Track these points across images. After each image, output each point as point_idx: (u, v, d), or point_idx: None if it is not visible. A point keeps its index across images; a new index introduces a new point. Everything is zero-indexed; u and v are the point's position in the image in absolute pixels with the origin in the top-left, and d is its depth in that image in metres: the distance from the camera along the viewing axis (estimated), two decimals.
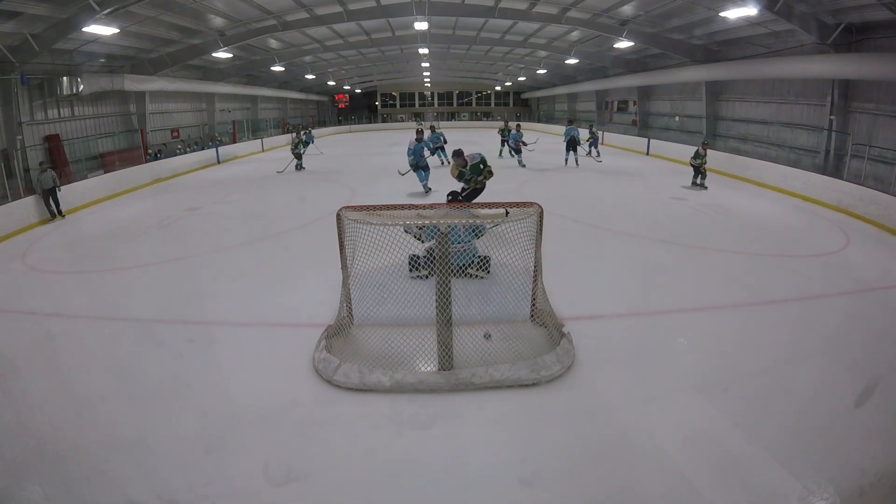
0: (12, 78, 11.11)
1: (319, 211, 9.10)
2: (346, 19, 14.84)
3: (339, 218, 3.88)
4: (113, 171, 13.19)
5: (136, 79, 15.12)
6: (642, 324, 4.64)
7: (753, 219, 8.64)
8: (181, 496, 2.61)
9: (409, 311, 4.11)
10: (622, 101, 24.00)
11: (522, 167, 14.73)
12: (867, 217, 8.55)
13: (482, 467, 2.81)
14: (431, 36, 19.00)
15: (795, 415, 3.23)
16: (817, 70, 11.17)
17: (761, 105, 14.43)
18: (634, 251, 6.80)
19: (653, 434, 3.04)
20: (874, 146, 10.10)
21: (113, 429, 3.17)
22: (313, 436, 3.09)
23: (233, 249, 7.15)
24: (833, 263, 6.34)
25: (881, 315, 4.84)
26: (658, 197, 10.51)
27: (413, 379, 3.55)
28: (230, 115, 23.30)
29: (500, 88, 38.74)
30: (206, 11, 13.00)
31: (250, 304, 5.15)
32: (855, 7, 9.70)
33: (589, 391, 3.52)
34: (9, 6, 9.27)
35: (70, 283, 6.06)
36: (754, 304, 5.03)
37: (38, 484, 2.73)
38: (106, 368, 3.96)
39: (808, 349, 4.13)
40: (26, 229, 8.77)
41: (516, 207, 3.95)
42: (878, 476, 2.65)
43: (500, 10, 14.52)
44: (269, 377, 3.76)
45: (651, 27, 14.65)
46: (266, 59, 20.33)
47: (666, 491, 2.63)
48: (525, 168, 14.48)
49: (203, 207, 10.29)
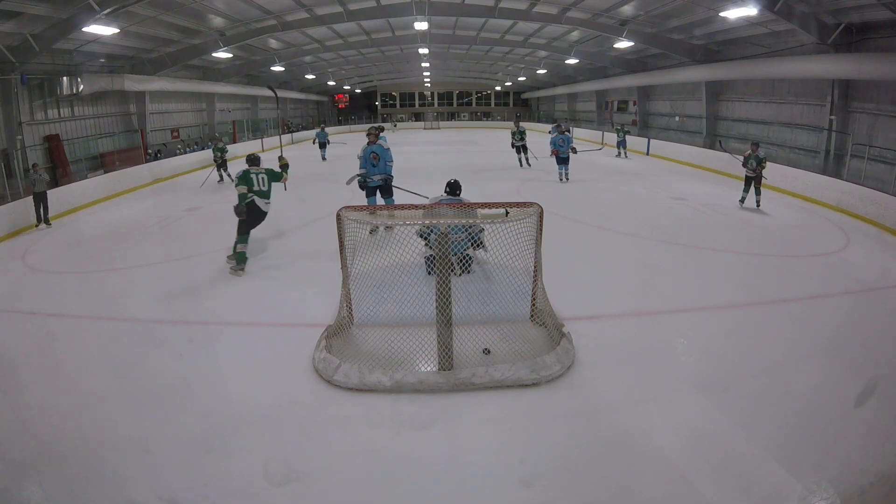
0: (12, 78, 11.12)
1: (319, 211, 9.11)
2: (346, 19, 14.84)
3: (339, 218, 3.88)
4: (113, 171, 13.20)
5: (136, 79, 15.13)
6: (642, 324, 4.63)
7: (753, 219, 8.64)
8: (181, 496, 2.61)
9: (409, 311, 4.11)
10: (622, 101, 24.01)
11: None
12: (867, 217, 8.55)
13: (482, 467, 2.81)
14: (431, 36, 19.01)
15: (795, 415, 3.23)
16: (817, 70, 11.18)
17: (761, 105, 14.43)
18: (634, 251, 6.80)
19: (653, 434, 3.04)
20: (874, 146, 10.10)
21: (113, 429, 3.17)
22: (313, 436, 3.09)
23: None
24: (833, 263, 6.34)
25: (881, 315, 4.85)
26: (658, 197, 10.51)
27: (413, 379, 3.55)
28: (230, 115, 23.31)
29: (500, 88, 38.76)
30: (206, 11, 13.01)
31: (250, 304, 5.15)
32: (855, 7, 9.70)
33: (589, 391, 3.52)
34: (9, 6, 9.27)
35: (70, 283, 6.05)
36: (754, 304, 5.03)
37: (38, 484, 2.72)
38: (106, 368, 3.96)
39: (808, 349, 4.13)
40: (26, 229, 8.77)
41: (516, 207, 3.95)
42: (878, 476, 2.65)
43: (500, 10, 14.53)
44: (269, 377, 3.75)
45: (651, 27, 14.65)
46: (266, 59, 20.33)
47: (666, 491, 2.63)
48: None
49: (203, 207, 10.29)
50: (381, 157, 7.07)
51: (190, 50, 15.57)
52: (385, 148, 7.20)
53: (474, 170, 13.53)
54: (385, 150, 7.16)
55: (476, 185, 11.79)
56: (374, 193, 7.28)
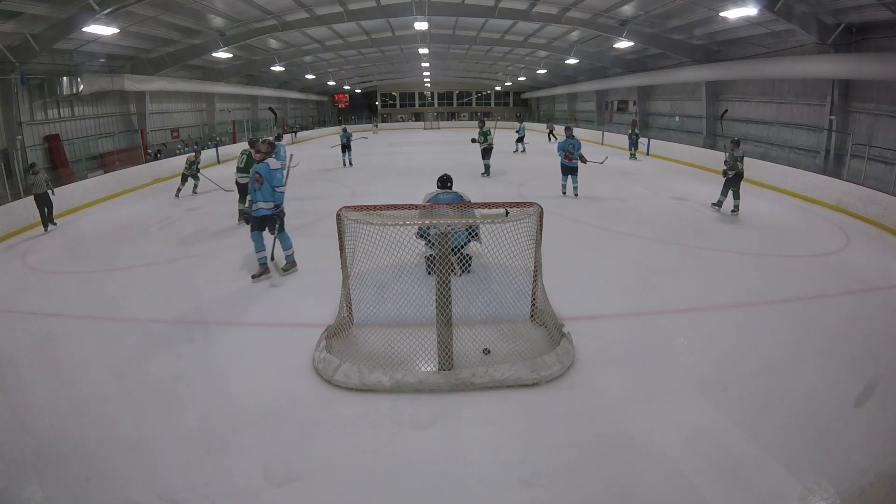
0: (12, 78, 11.13)
1: (319, 211, 9.11)
2: (346, 19, 14.85)
3: (339, 218, 3.88)
4: (113, 171, 13.20)
5: (136, 79, 15.13)
6: (642, 324, 4.63)
7: (753, 219, 8.64)
8: (181, 496, 2.61)
9: (409, 311, 4.11)
10: (622, 101, 24.02)
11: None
12: (867, 217, 8.55)
13: (482, 467, 2.81)
14: (431, 36, 19.02)
15: (795, 415, 3.22)
16: (817, 70, 11.18)
17: (761, 105, 14.44)
18: (634, 251, 6.80)
19: (653, 434, 3.04)
20: (874, 146, 10.10)
21: (113, 429, 3.17)
22: (313, 436, 3.09)
23: (233, 249, 7.14)
24: (833, 263, 6.34)
25: (881, 315, 4.85)
26: (658, 197, 10.51)
27: (413, 379, 3.55)
28: (230, 115, 23.31)
29: (500, 88, 38.79)
30: (206, 11, 13.02)
31: (250, 304, 5.15)
32: (855, 7, 9.71)
33: (589, 391, 3.52)
34: (9, 6, 9.28)
35: (70, 283, 6.05)
36: (754, 304, 5.03)
37: (38, 484, 2.72)
38: (106, 368, 3.96)
39: (808, 349, 4.13)
40: (26, 229, 8.77)
41: (516, 207, 3.95)
42: (878, 476, 2.64)
43: (500, 10, 14.54)
44: (269, 377, 3.75)
45: (651, 27, 14.65)
46: (266, 59, 20.34)
47: (666, 491, 2.62)
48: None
49: (203, 207, 10.29)
50: (264, 180, 5.39)
51: (190, 50, 15.58)
52: (272, 168, 5.44)
53: (474, 169, 13.53)
54: (272, 171, 5.42)
55: (476, 184, 11.80)
56: (259, 227, 5.54)
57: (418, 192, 6.45)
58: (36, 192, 8.45)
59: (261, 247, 5.62)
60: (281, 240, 5.77)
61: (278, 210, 5.55)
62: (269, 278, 5.66)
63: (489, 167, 13.19)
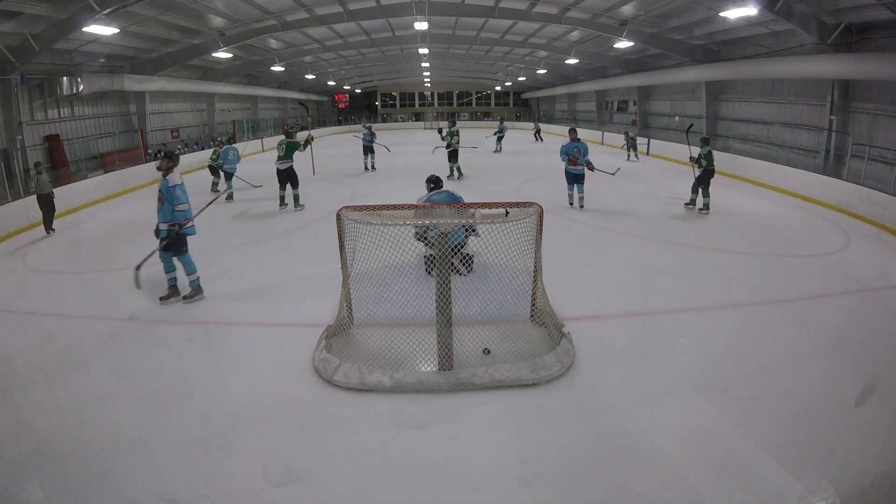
0: (12, 78, 11.13)
1: (319, 211, 9.11)
2: (346, 19, 14.85)
3: (339, 218, 3.88)
4: (113, 171, 13.20)
5: (136, 79, 15.13)
6: (642, 324, 4.64)
7: (753, 219, 8.64)
8: (181, 496, 2.61)
9: (409, 311, 4.11)
10: (622, 101, 24.01)
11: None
12: (867, 217, 8.55)
13: (482, 467, 2.81)
14: (431, 36, 19.01)
15: (795, 415, 3.23)
16: (817, 70, 11.18)
17: (761, 105, 14.44)
18: (634, 251, 6.81)
19: (653, 434, 3.04)
20: (874, 146, 10.10)
21: (113, 429, 3.17)
22: (313, 436, 3.09)
23: (233, 249, 7.15)
24: (833, 263, 6.34)
25: (881, 315, 4.85)
26: (658, 197, 10.51)
27: (413, 379, 3.55)
28: (230, 115, 23.31)
29: (500, 88, 38.76)
30: (206, 11, 13.01)
31: (250, 303, 5.15)
32: (855, 7, 9.70)
33: (589, 391, 3.52)
34: (9, 6, 9.28)
35: (70, 283, 6.06)
36: (754, 304, 5.03)
37: (38, 484, 2.73)
38: (106, 368, 3.96)
39: (808, 349, 4.13)
40: (26, 229, 8.76)
41: (516, 207, 3.95)
42: (878, 476, 2.65)
43: (500, 10, 14.53)
44: (269, 377, 3.75)
45: (651, 27, 14.65)
46: (266, 59, 20.33)
47: (666, 491, 2.63)
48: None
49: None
50: (165, 198, 5.11)
51: (190, 50, 15.57)
52: (171, 186, 5.11)
53: (474, 169, 13.53)
54: (170, 188, 5.10)
55: (476, 184, 11.81)
56: (164, 247, 5.20)
57: (419, 193, 6.45)
58: (39, 193, 8.37)
59: (170, 267, 5.32)
60: (183, 262, 5.27)
61: (178, 229, 5.14)
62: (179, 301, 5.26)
63: (456, 168, 12.65)
